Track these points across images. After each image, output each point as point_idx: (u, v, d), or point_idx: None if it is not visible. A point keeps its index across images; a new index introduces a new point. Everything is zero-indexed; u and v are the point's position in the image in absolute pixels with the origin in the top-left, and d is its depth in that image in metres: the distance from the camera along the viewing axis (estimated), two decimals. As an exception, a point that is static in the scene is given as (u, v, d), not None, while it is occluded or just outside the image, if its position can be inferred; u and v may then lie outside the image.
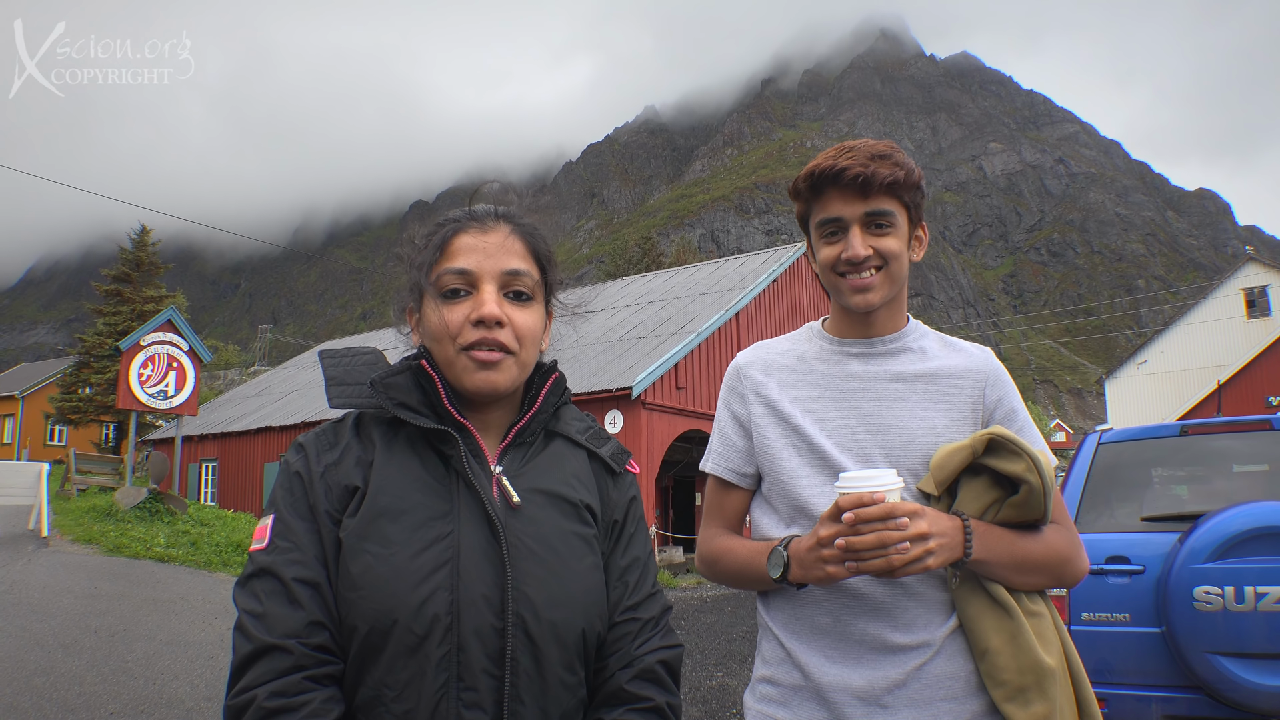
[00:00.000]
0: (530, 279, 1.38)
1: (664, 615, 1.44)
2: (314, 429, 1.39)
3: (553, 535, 1.32)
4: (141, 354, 17.02)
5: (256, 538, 1.30)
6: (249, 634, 1.20)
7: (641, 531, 1.49)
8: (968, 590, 1.56)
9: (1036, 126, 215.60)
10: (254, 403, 30.10)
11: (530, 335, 1.37)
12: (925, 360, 1.71)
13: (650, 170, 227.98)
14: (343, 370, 1.40)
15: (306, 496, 1.29)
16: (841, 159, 1.62)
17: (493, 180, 1.51)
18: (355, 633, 1.21)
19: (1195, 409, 28.34)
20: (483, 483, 1.31)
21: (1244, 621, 3.40)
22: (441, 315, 1.34)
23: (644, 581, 1.43)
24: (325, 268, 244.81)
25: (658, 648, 1.38)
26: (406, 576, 1.21)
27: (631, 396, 17.67)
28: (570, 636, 1.28)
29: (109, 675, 6.78)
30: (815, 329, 1.83)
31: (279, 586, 1.22)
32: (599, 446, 1.48)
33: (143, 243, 36.54)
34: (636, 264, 57.19)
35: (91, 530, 14.41)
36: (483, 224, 1.39)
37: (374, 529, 1.25)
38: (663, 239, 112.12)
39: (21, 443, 45.64)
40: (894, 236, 1.64)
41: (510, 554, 1.26)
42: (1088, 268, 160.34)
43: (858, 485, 1.42)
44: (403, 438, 1.34)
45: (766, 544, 1.65)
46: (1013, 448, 1.52)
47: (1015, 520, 1.56)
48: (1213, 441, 4.45)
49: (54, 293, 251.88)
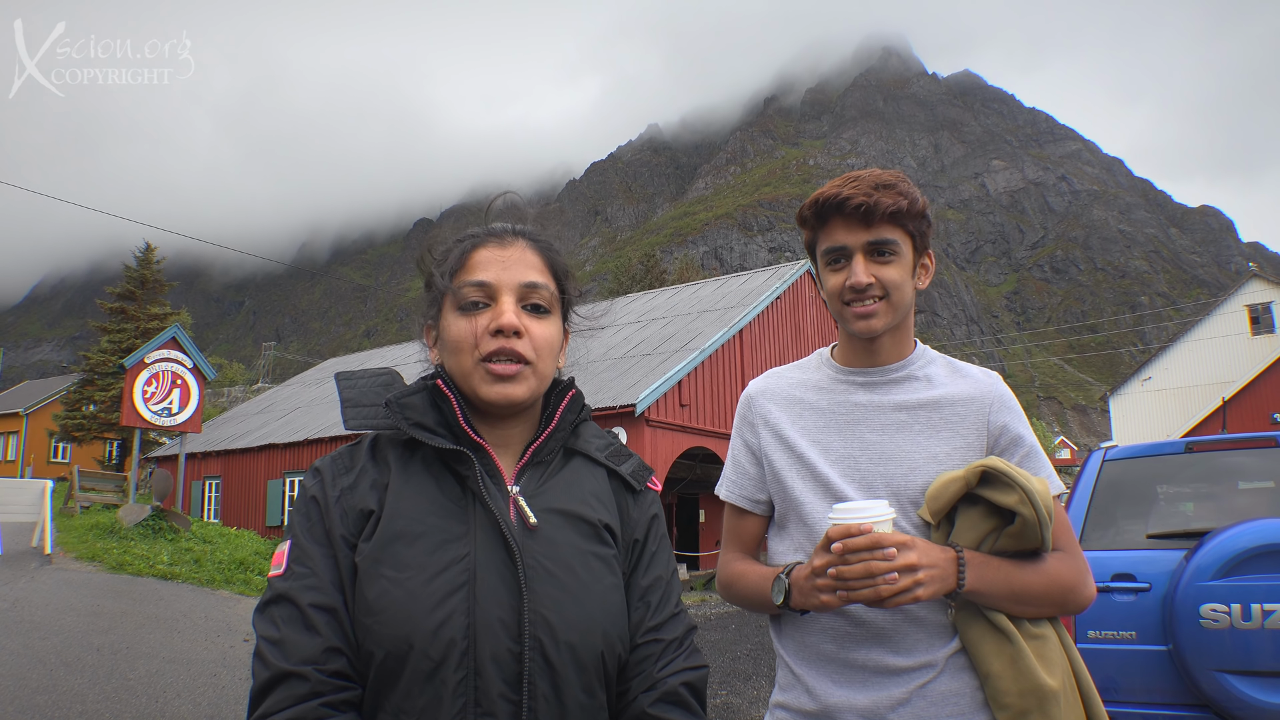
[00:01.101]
0: (548, 292, 1.39)
1: (688, 636, 1.41)
2: (331, 452, 1.38)
3: (571, 556, 1.31)
4: (145, 371, 17.06)
5: (275, 563, 1.30)
6: (266, 661, 1.20)
7: (664, 550, 1.47)
8: (967, 616, 1.57)
9: (1039, 144, 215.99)
10: (257, 420, 30.11)
11: (548, 347, 1.38)
12: (929, 388, 1.72)
13: (654, 188, 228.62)
14: (358, 392, 1.39)
15: (323, 521, 1.29)
16: (845, 188, 1.64)
17: (504, 193, 1.50)
18: (372, 658, 1.21)
19: (1200, 425, 28.25)
20: (499, 504, 1.30)
21: (1251, 639, 3.38)
22: (460, 326, 1.34)
23: (666, 601, 1.41)
24: (329, 285, 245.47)
25: (682, 669, 1.36)
26: (422, 600, 1.21)
27: (635, 414, 17.66)
28: (589, 659, 1.26)
29: (111, 693, 6.76)
30: (824, 357, 1.85)
31: (296, 613, 1.22)
32: (619, 464, 1.46)
33: (147, 260, 36.73)
34: (640, 281, 57.34)
35: (94, 548, 14.39)
36: (501, 239, 1.40)
37: (389, 553, 1.24)
38: (666, 256, 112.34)
39: (25, 460, 45.66)
40: (897, 266, 1.66)
41: (527, 576, 1.25)
42: (1091, 284, 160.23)
43: (848, 517, 1.45)
44: (419, 459, 1.34)
45: (773, 570, 1.67)
46: (1006, 480, 1.52)
47: (1013, 550, 1.55)
48: (1218, 458, 4.43)
49: (58, 310, 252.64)
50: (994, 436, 1.69)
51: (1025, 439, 1.69)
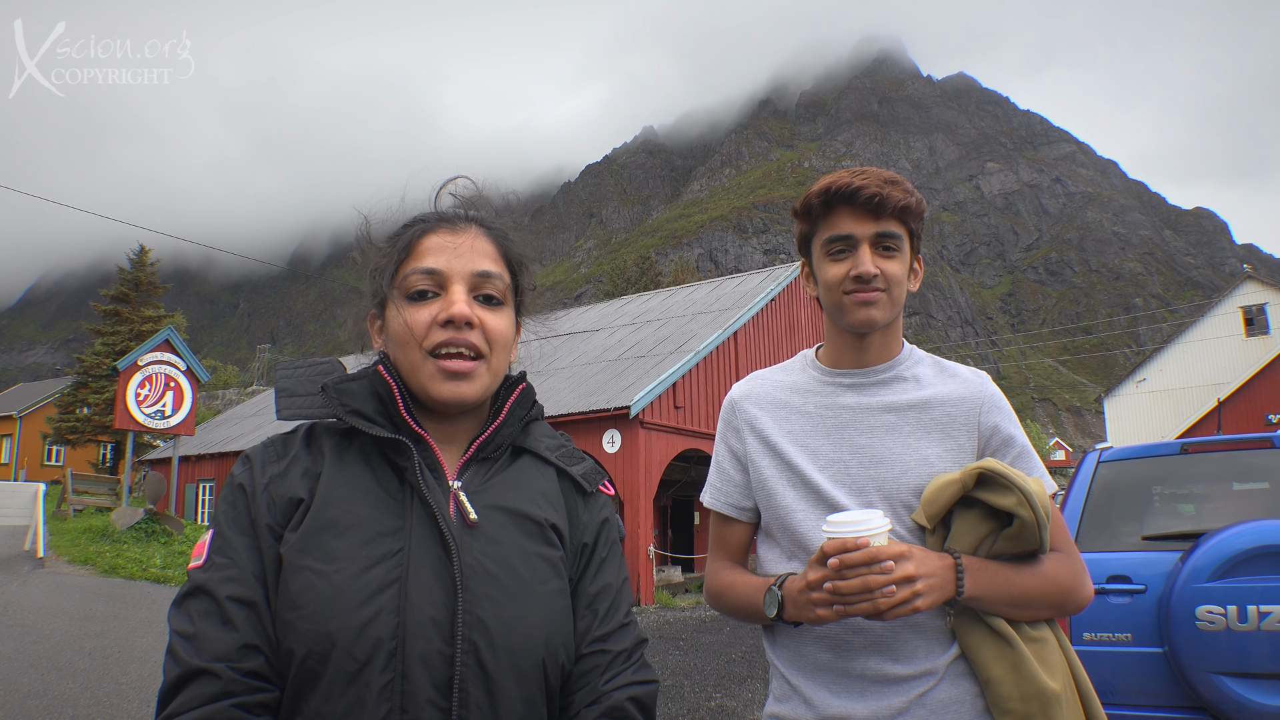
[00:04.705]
0: (501, 282, 1.32)
1: (638, 648, 1.33)
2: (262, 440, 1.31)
3: (513, 556, 1.23)
4: (139, 374, 17.02)
5: (195, 554, 1.23)
6: (178, 657, 1.12)
7: (614, 556, 1.39)
8: (966, 621, 1.54)
9: (1033, 146, 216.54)
10: (251, 423, 30.02)
11: (501, 339, 1.31)
12: (918, 389, 1.70)
13: (649, 190, 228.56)
14: (295, 381, 1.31)
15: (249, 510, 1.21)
16: (857, 179, 1.63)
17: (455, 176, 1.42)
18: (292, 656, 1.12)
19: (1195, 427, 28.31)
20: (438, 497, 1.23)
21: (1247, 641, 3.37)
22: (407, 316, 1.26)
23: (615, 611, 1.33)
24: (324, 288, 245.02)
25: (629, 683, 1.28)
26: (348, 596, 1.13)
27: (629, 416, 17.63)
28: (529, 667, 1.19)
29: (103, 698, 6.72)
30: (809, 358, 1.82)
31: (213, 606, 1.14)
32: (570, 465, 1.39)
33: (141, 262, 36.63)
34: (635, 283, 57.38)
35: (87, 551, 14.35)
36: (452, 225, 1.33)
37: (316, 543, 1.16)
38: (661, 258, 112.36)
39: (19, 463, 45.53)
40: (899, 261, 1.65)
41: (464, 574, 1.17)
42: (1085, 286, 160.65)
43: (842, 530, 1.41)
44: (356, 448, 1.26)
45: (765, 581, 1.64)
46: (1003, 481, 1.50)
47: (1011, 552, 1.53)
48: (1213, 460, 4.44)
49: (53, 313, 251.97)
50: (985, 437, 1.66)
51: (1017, 439, 1.67)
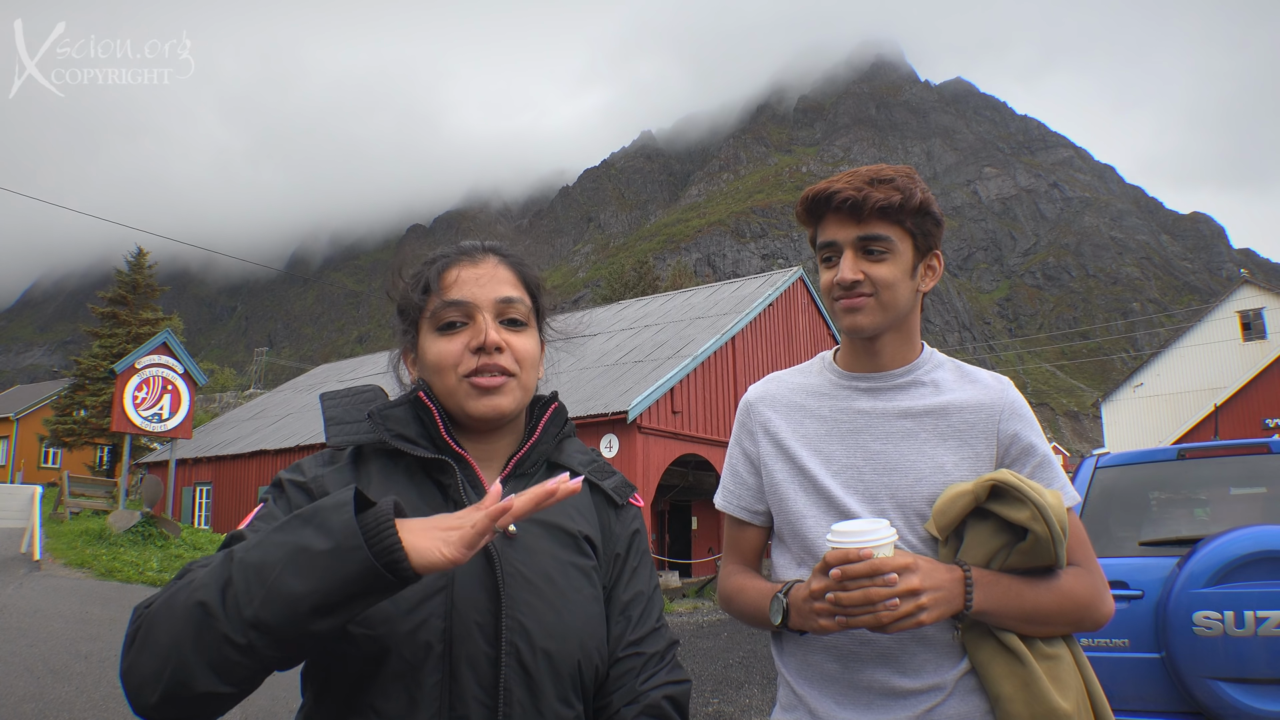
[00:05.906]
0: (524, 305, 1.40)
1: (670, 650, 1.40)
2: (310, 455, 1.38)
3: (550, 565, 1.31)
4: (136, 377, 17.00)
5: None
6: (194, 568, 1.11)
7: (645, 565, 1.46)
8: (977, 636, 1.50)
9: (1031, 151, 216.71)
10: (249, 426, 29.98)
11: (529, 359, 1.38)
12: (936, 394, 1.65)
13: (646, 195, 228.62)
14: (341, 410, 1.39)
15: (300, 494, 1.28)
16: (837, 183, 1.59)
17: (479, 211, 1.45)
18: (347, 658, 1.19)
19: (1192, 432, 28.34)
20: None
21: (1244, 646, 3.37)
22: (440, 347, 1.35)
23: (648, 616, 1.40)
24: (322, 291, 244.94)
25: (664, 683, 1.35)
26: (399, 602, 1.19)
27: (627, 420, 17.62)
28: (566, 668, 1.26)
29: (99, 702, 6.71)
30: (826, 361, 1.78)
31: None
32: (602, 479, 1.46)
33: (139, 265, 36.62)
34: (633, 288, 57.41)
35: (84, 554, 14.32)
36: (472, 256, 1.41)
37: None
38: (659, 263, 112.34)
39: (15, 465, 45.45)
40: (889, 264, 1.59)
41: (505, 582, 1.25)
42: (1083, 291, 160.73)
43: (846, 540, 1.38)
44: (401, 468, 1.34)
45: (773, 587, 1.61)
46: (1017, 494, 1.45)
47: (1025, 566, 1.49)
48: (1210, 465, 4.44)
49: (50, 315, 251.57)
50: (1004, 446, 1.60)
51: (1038, 448, 1.61)
